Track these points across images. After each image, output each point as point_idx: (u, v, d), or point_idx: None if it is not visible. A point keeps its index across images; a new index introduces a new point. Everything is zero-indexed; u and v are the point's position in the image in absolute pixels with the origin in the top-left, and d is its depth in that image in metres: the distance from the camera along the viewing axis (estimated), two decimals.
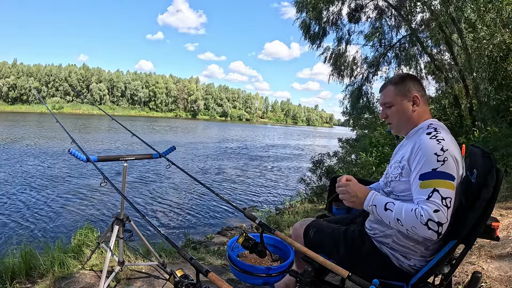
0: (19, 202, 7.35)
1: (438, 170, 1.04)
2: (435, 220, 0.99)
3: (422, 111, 1.25)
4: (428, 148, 1.07)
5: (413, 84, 1.26)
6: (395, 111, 1.27)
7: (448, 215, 1.01)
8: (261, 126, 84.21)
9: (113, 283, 2.16)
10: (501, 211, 3.00)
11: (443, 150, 1.05)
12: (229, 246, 1.39)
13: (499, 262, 2.04)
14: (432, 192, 1.02)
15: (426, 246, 1.18)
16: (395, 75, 1.37)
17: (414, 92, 1.25)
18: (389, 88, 1.29)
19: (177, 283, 0.91)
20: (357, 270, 1.14)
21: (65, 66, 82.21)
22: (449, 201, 1.01)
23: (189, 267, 2.31)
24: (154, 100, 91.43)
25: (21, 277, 2.25)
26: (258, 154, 20.63)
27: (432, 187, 1.03)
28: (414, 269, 1.22)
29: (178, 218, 6.98)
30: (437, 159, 1.04)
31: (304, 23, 10.56)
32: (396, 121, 1.29)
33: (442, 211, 0.99)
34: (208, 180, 11.16)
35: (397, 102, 1.26)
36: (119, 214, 2.05)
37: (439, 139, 1.08)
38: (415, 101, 1.25)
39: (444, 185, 1.02)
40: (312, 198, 7.43)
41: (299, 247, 1.20)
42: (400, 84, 1.27)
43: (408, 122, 1.26)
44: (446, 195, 1.01)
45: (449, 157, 1.04)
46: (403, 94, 1.26)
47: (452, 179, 1.03)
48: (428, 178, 1.05)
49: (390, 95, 1.28)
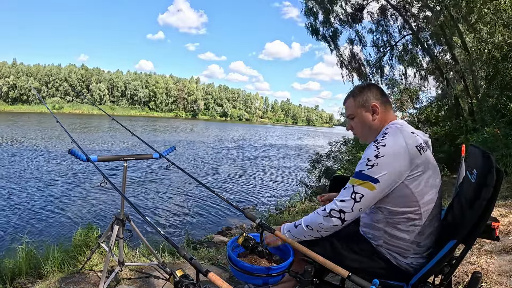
0: (19, 202, 7.35)
1: (363, 172, 1.15)
2: (337, 208, 1.15)
3: (382, 117, 1.32)
4: (365, 154, 1.19)
5: (371, 93, 1.34)
6: (358, 122, 1.36)
7: (355, 207, 1.14)
8: (261, 126, 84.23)
9: (113, 283, 2.16)
10: (501, 211, 3.01)
11: (376, 156, 1.14)
12: (229, 246, 1.39)
13: (499, 262, 2.04)
14: (349, 187, 1.17)
15: (417, 243, 1.21)
16: (355, 87, 1.44)
17: (372, 101, 1.32)
18: (349, 101, 1.38)
19: (177, 283, 0.91)
20: (357, 270, 1.14)
21: (65, 66, 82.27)
22: (360, 197, 1.14)
23: (189, 267, 2.31)
24: (154, 100, 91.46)
25: (21, 277, 2.25)
26: (258, 154, 20.64)
27: (351, 184, 1.17)
28: (413, 267, 1.23)
29: (178, 218, 6.99)
30: (367, 163, 1.15)
31: (312, 27, 10.71)
32: (360, 131, 1.39)
33: (347, 202, 1.14)
34: (208, 180, 11.16)
35: (358, 113, 1.35)
36: (119, 214, 2.05)
37: (379, 146, 1.17)
38: (374, 110, 1.32)
39: (362, 184, 1.14)
40: (312, 198, 7.43)
41: (299, 247, 1.20)
42: (359, 96, 1.35)
43: (371, 130, 1.33)
44: (359, 191, 1.14)
45: (381, 162, 1.13)
46: (362, 105, 1.33)
47: (374, 181, 1.13)
48: (353, 177, 1.18)
49: (351, 107, 1.37)
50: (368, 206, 1.17)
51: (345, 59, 11.36)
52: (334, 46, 11.15)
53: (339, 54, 11.33)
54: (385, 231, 1.24)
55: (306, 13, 10.70)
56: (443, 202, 1.30)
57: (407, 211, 1.18)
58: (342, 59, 11.38)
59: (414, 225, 1.19)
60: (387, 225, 1.23)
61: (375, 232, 1.28)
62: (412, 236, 1.20)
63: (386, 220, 1.23)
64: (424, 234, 1.20)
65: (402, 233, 1.21)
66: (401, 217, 1.20)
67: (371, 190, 1.14)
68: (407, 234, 1.20)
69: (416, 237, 1.20)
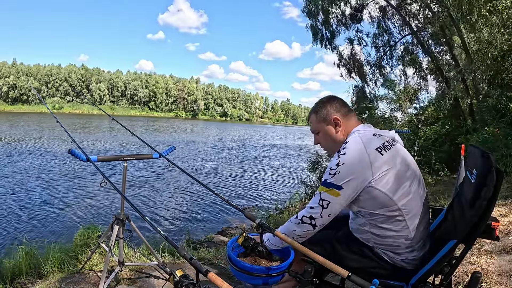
0: (19, 202, 7.35)
1: (327, 181, 1.22)
2: (307, 215, 1.23)
3: (345, 128, 1.36)
4: (329, 165, 1.26)
5: (331, 107, 1.38)
6: (323, 137, 1.41)
7: (323, 213, 1.21)
8: (261, 126, 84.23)
9: (113, 283, 2.16)
10: (501, 211, 3.01)
11: (337, 165, 1.20)
12: (229, 246, 1.39)
13: (499, 262, 2.04)
14: (318, 194, 1.24)
15: (406, 237, 1.22)
16: (316, 102, 1.45)
17: (333, 115, 1.36)
18: (312, 117, 1.43)
19: (177, 283, 0.91)
20: (356, 270, 1.14)
21: (65, 66, 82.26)
22: (327, 203, 1.20)
23: (189, 267, 2.31)
24: (154, 100, 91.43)
25: (21, 277, 2.25)
26: (258, 154, 20.64)
27: (319, 191, 1.24)
28: (408, 262, 1.25)
29: (178, 218, 6.99)
30: (330, 173, 1.22)
31: (313, 28, 10.69)
32: (326, 145, 1.43)
33: (316, 208, 1.21)
34: (208, 180, 11.16)
35: (321, 128, 1.40)
36: (119, 214, 2.05)
37: (340, 155, 1.23)
38: (336, 123, 1.36)
39: (327, 191, 1.21)
40: (312, 197, 7.43)
41: (299, 247, 1.20)
42: (320, 111, 1.39)
43: (336, 143, 1.37)
44: (325, 198, 1.21)
45: (341, 170, 1.19)
46: (323, 120, 1.38)
47: (338, 188, 1.19)
48: (321, 184, 1.25)
49: (314, 123, 1.42)
50: (336, 211, 1.22)
51: (345, 58, 11.37)
52: (331, 47, 11.18)
53: (339, 54, 11.35)
54: (372, 232, 1.26)
55: (308, 14, 10.73)
56: (443, 202, 1.30)
57: (385, 210, 1.20)
58: (342, 59, 11.39)
59: (396, 221, 1.21)
60: (372, 227, 1.26)
61: (363, 236, 1.31)
62: (398, 232, 1.22)
63: (369, 223, 1.25)
64: (409, 227, 1.22)
65: (387, 231, 1.23)
66: (382, 217, 1.22)
67: (336, 197, 1.19)
68: (393, 231, 1.22)
69: (402, 231, 1.22)
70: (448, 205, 1.41)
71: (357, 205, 1.25)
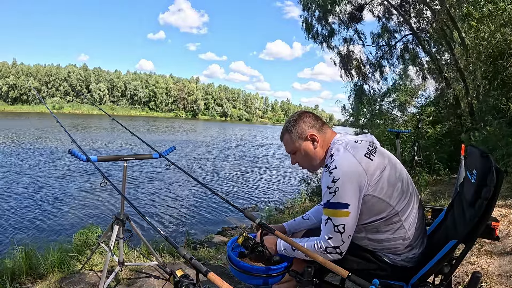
0: (19, 202, 7.34)
1: (330, 202, 1.17)
2: (331, 245, 1.18)
3: (323, 142, 1.31)
4: (323, 183, 1.20)
5: (304, 123, 1.32)
6: (301, 156, 1.35)
7: (344, 237, 1.17)
8: (261, 126, 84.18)
9: (113, 283, 2.16)
10: (501, 211, 3.01)
11: (333, 181, 1.15)
12: (229, 246, 1.39)
13: (499, 262, 2.04)
14: (327, 220, 1.19)
15: (403, 237, 1.22)
16: (286, 121, 1.40)
17: (308, 131, 1.31)
18: (286, 137, 1.36)
19: (177, 283, 0.91)
20: (356, 270, 1.15)
21: (65, 66, 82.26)
22: (342, 227, 1.16)
23: (189, 267, 2.31)
24: (154, 100, 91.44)
25: (21, 277, 2.25)
26: (258, 153, 20.63)
27: (327, 216, 1.19)
28: (409, 261, 1.25)
29: (178, 218, 6.98)
30: (329, 192, 1.17)
31: (308, 23, 10.63)
32: (306, 163, 1.37)
33: (335, 237, 1.17)
34: (208, 180, 11.15)
35: (298, 147, 1.33)
36: (119, 214, 2.05)
37: (331, 170, 1.17)
38: (313, 139, 1.31)
39: (336, 214, 1.16)
40: (312, 197, 7.43)
41: (299, 247, 1.20)
42: (294, 130, 1.33)
43: (316, 158, 1.32)
44: (338, 223, 1.16)
45: (340, 185, 1.14)
46: (299, 137, 1.32)
47: (344, 207, 1.15)
48: (325, 207, 1.20)
49: (289, 143, 1.35)
50: (353, 228, 1.19)
51: (344, 58, 11.36)
52: (329, 46, 11.15)
53: (338, 53, 11.34)
54: (368, 238, 1.25)
55: (303, 6, 10.70)
56: (443, 202, 1.30)
57: (383, 215, 1.20)
58: (341, 59, 11.38)
59: (392, 222, 1.20)
60: (368, 232, 1.25)
61: (360, 242, 1.29)
62: (395, 233, 1.21)
63: (365, 229, 1.24)
64: (406, 226, 1.21)
65: (383, 234, 1.22)
66: (379, 222, 1.21)
67: (347, 216, 1.16)
68: (389, 234, 1.22)
69: (398, 233, 1.21)
70: (448, 205, 1.41)
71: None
